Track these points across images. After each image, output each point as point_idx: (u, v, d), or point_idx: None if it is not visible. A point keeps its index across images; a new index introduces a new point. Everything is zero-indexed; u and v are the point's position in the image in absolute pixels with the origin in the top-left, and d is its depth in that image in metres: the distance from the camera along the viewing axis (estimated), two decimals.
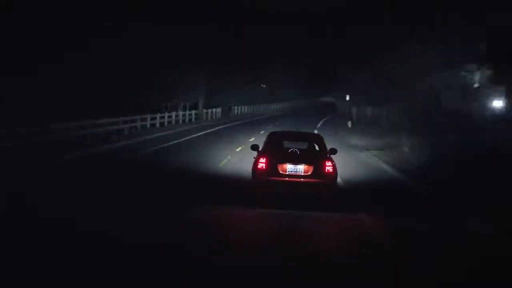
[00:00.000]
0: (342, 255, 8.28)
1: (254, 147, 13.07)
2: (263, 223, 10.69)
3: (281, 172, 11.87)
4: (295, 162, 11.95)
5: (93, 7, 26.53)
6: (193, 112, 44.36)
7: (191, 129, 35.94)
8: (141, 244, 7.89)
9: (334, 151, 12.74)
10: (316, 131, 32.96)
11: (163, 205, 11.09)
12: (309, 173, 11.85)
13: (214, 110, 49.59)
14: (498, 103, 24.85)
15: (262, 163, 11.94)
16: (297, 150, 12.66)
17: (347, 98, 50.79)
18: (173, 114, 38.64)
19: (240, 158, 19.84)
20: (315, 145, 13.25)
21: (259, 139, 21.75)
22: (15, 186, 12.42)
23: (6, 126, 17.62)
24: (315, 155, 12.60)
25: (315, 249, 8.48)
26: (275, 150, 12.56)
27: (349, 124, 44.29)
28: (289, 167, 11.89)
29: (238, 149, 23.30)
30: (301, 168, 11.88)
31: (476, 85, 26.31)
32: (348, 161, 19.21)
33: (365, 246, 8.91)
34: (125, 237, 8.32)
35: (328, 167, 11.92)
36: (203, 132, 33.33)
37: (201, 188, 13.64)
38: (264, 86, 66.32)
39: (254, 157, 12.61)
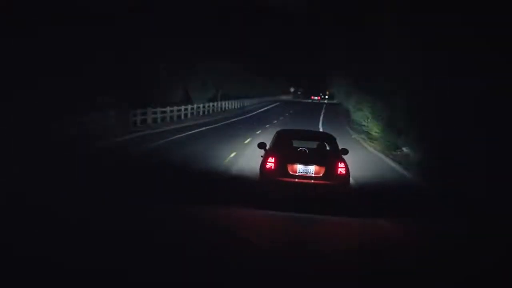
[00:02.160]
0: (355, 261, 7.61)
1: (261, 145, 12.41)
2: (271, 226, 10.03)
3: (291, 172, 11.18)
4: (306, 162, 11.26)
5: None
6: None
7: None
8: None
9: (345, 152, 12.10)
10: None
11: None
12: (321, 175, 11.17)
13: None
14: None
15: (271, 163, 11.24)
16: (306, 150, 12.04)
17: None
18: None
19: None
20: (326, 144, 12.59)
21: None
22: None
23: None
24: (327, 156, 11.92)
25: (325, 254, 7.83)
26: (284, 149, 11.89)
27: None
28: (299, 168, 11.20)
29: None
30: (312, 169, 11.19)
31: None
32: None
33: (382, 254, 8.24)
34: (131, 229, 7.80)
35: (341, 168, 11.22)
36: None
37: None
38: (165, 65, 40.55)
39: (261, 156, 11.97)
